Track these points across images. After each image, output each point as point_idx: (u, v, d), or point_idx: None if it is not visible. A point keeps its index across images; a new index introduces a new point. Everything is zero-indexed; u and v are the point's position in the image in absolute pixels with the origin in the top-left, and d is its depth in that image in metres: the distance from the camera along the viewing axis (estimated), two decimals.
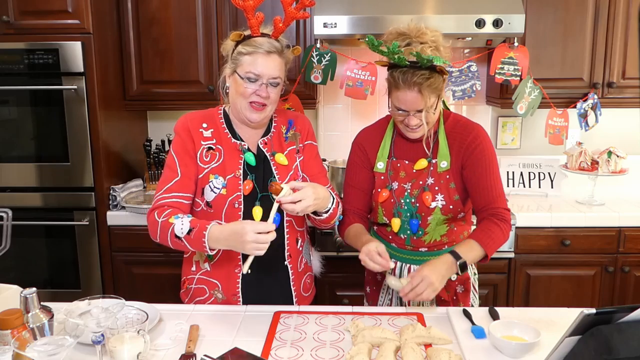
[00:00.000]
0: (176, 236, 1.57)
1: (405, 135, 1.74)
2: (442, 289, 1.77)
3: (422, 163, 1.73)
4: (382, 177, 1.78)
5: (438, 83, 1.57)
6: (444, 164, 1.71)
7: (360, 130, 1.89)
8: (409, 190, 1.73)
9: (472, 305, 1.83)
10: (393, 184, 1.76)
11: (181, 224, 1.56)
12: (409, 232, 1.75)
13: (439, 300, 1.77)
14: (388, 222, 1.77)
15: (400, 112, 1.63)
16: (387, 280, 1.64)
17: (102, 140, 2.61)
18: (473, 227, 1.77)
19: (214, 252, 1.59)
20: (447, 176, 1.72)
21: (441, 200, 1.70)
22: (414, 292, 1.52)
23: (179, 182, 1.65)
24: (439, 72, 1.56)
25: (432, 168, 1.72)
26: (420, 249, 1.77)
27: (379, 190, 1.77)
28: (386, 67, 1.66)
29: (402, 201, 1.74)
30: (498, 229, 1.66)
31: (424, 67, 1.54)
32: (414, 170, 1.74)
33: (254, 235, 1.46)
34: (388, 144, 1.79)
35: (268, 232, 1.48)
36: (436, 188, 1.71)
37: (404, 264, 1.78)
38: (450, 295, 1.80)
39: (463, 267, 1.58)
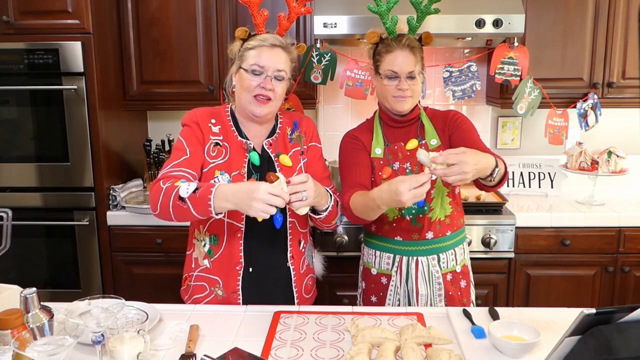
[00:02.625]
0: (180, 198, 1.49)
1: (392, 124, 1.84)
2: (449, 284, 1.81)
3: (413, 142, 1.82)
4: (382, 162, 1.83)
5: (421, 53, 1.78)
6: (433, 141, 1.82)
7: (346, 132, 1.93)
8: (409, 169, 1.80)
9: (472, 302, 1.90)
10: (394, 164, 1.82)
11: (187, 186, 1.51)
12: (414, 210, 1.79)
13: (447, 296, 1.82)
14: None
15: (392, 79, 1.74)
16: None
17: (102, 140, 2.61)
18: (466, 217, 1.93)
19: (220, 215, 1.51)
20: (441, 151, 1.75)
21: None
22: (442, 172, 1.47)
23: (188, 160, 1.62)
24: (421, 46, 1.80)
25: (423, 148, 1.81)
26: (426, 235, 1.80)
27: (380, 173, 1.81)
28: (372, 50, 1.81)
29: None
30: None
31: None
32: (408, 153, 1.81)
33: (266, 194, 1.40)
34: (380, 132, 1.87)
35: (280, 197, 1.42)
36: None
37: (410, 258, 1.81)
38: (456, 290, 1.84)
39: (495, 175, 1.57)
